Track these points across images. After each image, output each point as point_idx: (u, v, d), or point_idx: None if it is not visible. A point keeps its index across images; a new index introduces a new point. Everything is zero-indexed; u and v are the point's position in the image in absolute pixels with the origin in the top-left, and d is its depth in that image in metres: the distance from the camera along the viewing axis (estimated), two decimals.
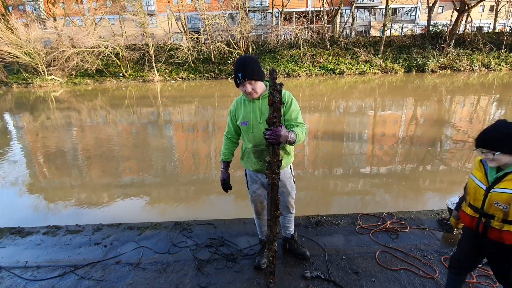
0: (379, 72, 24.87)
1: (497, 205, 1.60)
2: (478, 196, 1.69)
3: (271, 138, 1.73)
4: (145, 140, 8.99)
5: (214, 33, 27.42)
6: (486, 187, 1.66)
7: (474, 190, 1.73)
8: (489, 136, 1.58)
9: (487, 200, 1.64)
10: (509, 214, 1.58)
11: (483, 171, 1.71)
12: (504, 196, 1.57)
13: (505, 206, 1.57)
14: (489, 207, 1.64)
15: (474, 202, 1.73)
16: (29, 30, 24.29)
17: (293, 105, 2.04)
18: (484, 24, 34.46)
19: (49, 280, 2.42)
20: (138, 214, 4.49)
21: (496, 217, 1.62)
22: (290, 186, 2.36)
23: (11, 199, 5.31)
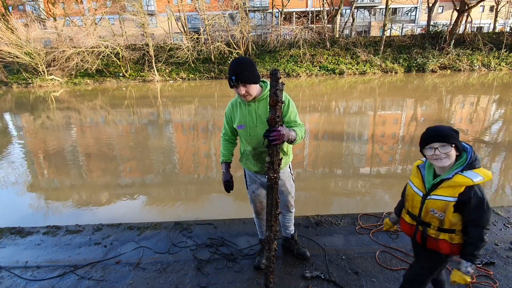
0: (379, 72, 24.87)
1: (433, 213, 1.55)
2: (415, 203, 1.65)
3: (276, 138, 1.70)
4: (145, 140, 8.99)
5: (214, 33, 27.42)
6: (423, 194, 1.60)
7: (411, 197, 1.68)
8: (443, 129, 1.50)
9: (423, 207, 1.59)
10: (444, 222, 1.53)
11: (420, 177, 1.66)
12: (439, 204, 1.51)
13: (440, 214, 1.52)
14: (426, 214, 1.59)
15: (412, 209, 1.69)
16: (29, 30, 24.30)
17: (291, 106, 2.02)
18: (484, 24, 34.46)
19: (49, 280, 2.42)
20: (138, 214, 4.49)
21: (432, 225, 1.58)
22: (290, 185, 2.36)
23: (11, 199, 5.31)
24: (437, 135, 1.48)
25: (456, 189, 1.45)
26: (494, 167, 6.10)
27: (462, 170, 1.47)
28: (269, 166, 1.82)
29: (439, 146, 1.46)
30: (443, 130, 1.48)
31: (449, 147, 1.45)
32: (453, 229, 1.53)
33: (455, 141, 1.46)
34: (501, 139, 7.87)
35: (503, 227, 2.96)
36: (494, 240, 2.76)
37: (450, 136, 1.46)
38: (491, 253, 2.57)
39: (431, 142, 1.48)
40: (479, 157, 1.53)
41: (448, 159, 1.47)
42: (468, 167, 1.47)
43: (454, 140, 1.46)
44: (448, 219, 1.51)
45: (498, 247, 2.65)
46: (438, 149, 1.46)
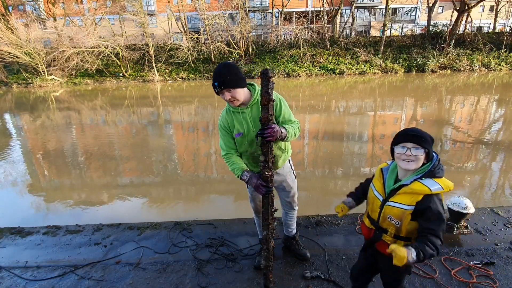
0: (379, 72, 24.87)
1: (390, 220, 1.49)
2: (375, 207, 1.58)
3: (270, 135, 1.71)
4: (145, 140, 8.99)
5: (214, 33, 27.43)
6: (383, 198, 1.54)
7: (372, 201, 1.62)
8: (421, 132, 1.43)
9: (382, 213, 1.53)
10: (401, 230, 1.47)
11: (382, 180, 1.59)
12: (396, 211, 1.45)
13: (397, 222, 1.46)
14: (383, 220, 1.53)
15: (371, 213, 1.63)
16: (29, 30, 24.30)
17: (284, 106, 2.01)
18: (484, 24, 34.46)
19: (49, 280, 2.42)
20: (138, 214, 4.49)
21: (389, 231, 1.52)
22: (291, 180, 2.33)
23: (11, 199, 5.31)
24: (413, 135, 1.42)
25: (413, 197, 1.40)
26: (494, 167, 6.10)
27: (422, 177, 1.41)
28: (264, 165, 1.82)
29: (412, 147, 1.40)
30: (420, 132, 1.43)
31: (421, 151, 1.39)
32: (409, 237, 1.49)
33: (429, 147, 1.40)
34: (501, 139, 7.87)
35: (503, 227, 2.96)
36: (494, 240, 2.76)
37: (426, 140, 1.40)
38: (491, 253, 2.57)
39: (406, 141, 1.42)
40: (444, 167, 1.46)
41: (415, 163, 1.41)
42: (428, 175, 1.41)
43: (428, 145, 1.40)
44: (405, 227, 1.46)
45: (498, 247, 2.65)
46: (411, 150, 1.40)
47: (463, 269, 2.39)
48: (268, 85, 1.67)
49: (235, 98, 1.85)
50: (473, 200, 3.09)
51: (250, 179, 1.91)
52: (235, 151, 2.10)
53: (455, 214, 2.85)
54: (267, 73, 1.67)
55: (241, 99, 1.88)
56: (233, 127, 2.03)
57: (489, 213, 3.20)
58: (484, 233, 2.87)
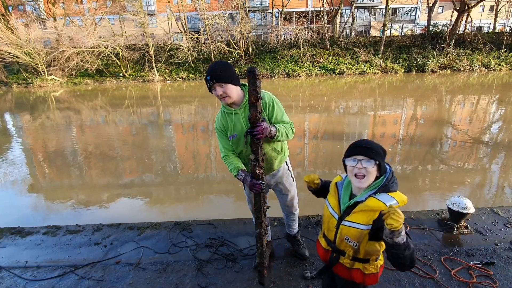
0: (379, 72, 24.87)
1: (347, 241, 1.37)
2: (331, 226, 1.45)
3: (259, 132, 1.70)
4: (145, 140, 8.99)
5: (214, 33, 27.43)
6: (338, 216, 1.41)
7: (328, 219, 1.48)
8: (372, 144, 1.34)
9: (338, 233, 1.40)
10: (359, 251, 1.36)
11: (337, 196, 1.47)
12: (353, 232, 1.33)
13: (355, 243, 1.35)
14: (341, 242, 1.40)
15: (327, 232, 1.49)
16: (29, 30, 24.30)
17: (276, 106, 1.97)
18: (484, 24, 34.46)
19: (49, 280, 2.42)
20: (138, 214, 4.49)
21: (346, 254, 1.41)
22: (289, 183, 2.28)
23: (11, 199, 5.31)
24: (364, 147, 1.33)
25: (370, 215, 1.29)
26: (494, 167, 6.10)
27: (376, 192, 1.32)
28: (254, 163, 1.82)
29: (363, 159, 1.30)
30: (372, 144, 1.34)
31: (372, 163, 1.29)
32: (367, 258, 1.39)
33: (380, 159, 1.31)
34: (501, 139, 7.87)
35: (503, 227, 2.96)
36: (494, 240, 2.76)
37: (377, 152, 1.31)
38: (491, 253, 2.57)
39: (357, 153, 1.33)
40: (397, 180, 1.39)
41: (367, 179, 1.31)
42: (383, 190, 1.32)
43: (380, 158, 1.31)
44: (363, 248, 1.35)
45: (498, 247, 2.65)
46: (361, 162, 1.30)
47: (463, 269, 2.39)
48: (255, 83, 1.66)
49: (227, 94, 1.83)
50: (473, 200, 3.09)
51: (245, 178, 1.92)
52: (232, 152, 2.10)
53: (455, 214, 2.85)
54: (254, 71, 1.64)
55: (233, 96, 1.86)
56: (228, 129, 2.02)
57: (489, 213, 3.20)
58: (484, 233, 2.87)
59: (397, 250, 1.17)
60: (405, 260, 1.19)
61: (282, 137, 1.87)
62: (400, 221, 1.13)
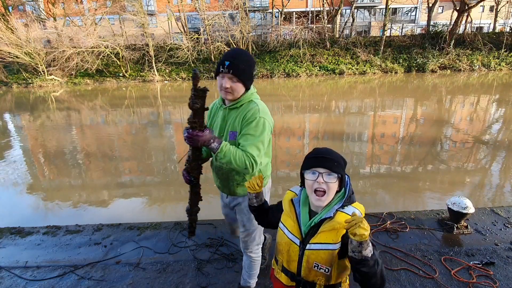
0: (379, 72, 24.87)
1: (317, 269, 1.15)
2: (292, 255, 1.20)
3: (188, 139, 1.51)
4: (145, 140, 8.99)
5: (214, 33, 27.41)
6: (300, 241, 1.18)
7: (287, 248, 1.22)
8: (333, 154, 1.18)
9: (304, 261, 1.17)
10: (331, 277, 1.15)
11: (295, 216, 1.22)
12: (323, 255, 1.13)
13: (326, 269, 1.14)
14: (309, 272, 1.17)
15: (289, 265, 1.23)
16: (29, 30, 24.27)
17: (252, 128, 1.58)
18: (484, 24, 34.45)
19: (49, 280, 2.42)
20: (138, 214, 4.49)
21: (317, 284, 1.18)
22: (246, 218, 1.86)
23: (11, 199, 5.31)
24: (326, 158, 1.15)
25: (339, 232, 1.12)
26: (494, 167, 6.10)
27: (342, 206, 1.16)
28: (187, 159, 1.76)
29: (325, 172, 1.13)
30: (333, 154, 1.17)
31: (334, 177, 1.14)
32: (339, 282, 1.20)
33: (342, 172, 1.16)
34: (501, 139, 7.87)
35: (503, 227, 2.96)
36: (494, 240, 2.76)
37: (339, 164, 1.16)
38: (491, 253, 2.57)
39: (317, 165, 1.15)
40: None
41: (327, 195, 1.14)
42: (348, 202, 1.17)
43: (342, 170, 1.16)
44: (335, 272, 1.15)
45: (498, 247, 2.65)
46: (323, 176, 1.13)
47: (463, 269, 2.39)
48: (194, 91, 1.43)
49: (233, 90, 1.59)
50: (473, 200, 3.09)
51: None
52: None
53: (455, 214, 2.86)
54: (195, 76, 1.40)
55: (236, 96, 1.63)
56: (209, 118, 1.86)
57: (489, 213, 3.20)
58: (484, 233, 2.87)
59: (366, 266, 1.02)
60: (376, 279, 1.04)
61: (224, 159, 1.53)
62: (368, 229, 0.99)
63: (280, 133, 9.29)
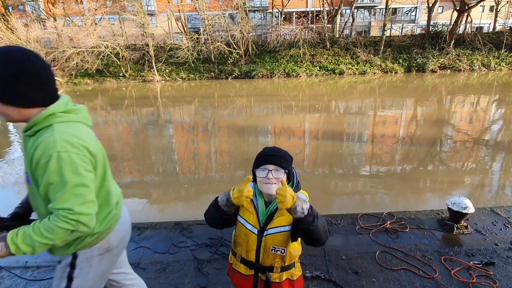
0: (379, 72, 24.87)
1: (274, 252, 1.30)
2: (251, 245, 1.33)
3: None
4: (145, 140, 8.99)
5: (214, 33, 27.40)
6: (258, 230, 1.31)
7: (246, 239, 1.34)
8: (280, 152, 1.32)
9: (261, 247, 1.31)
10: (286, 257, 1.31)
11: (253, 208, 1.34)
12: (280, 237, 1.28)
13: (282, 250, 1.30)
14: (267, 257, 1.31)
15: (247, 254, 1.35)
16: (29, 30, 24.28)
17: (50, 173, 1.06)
18: (484, 24, 34.45)
19: (49, 280, 2.42)
20: (138, 214, 4.49)
21: (275, 267, 1.33)
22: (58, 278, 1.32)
23: (11, 199, 5.31)
24: (273, 157, 1.29)
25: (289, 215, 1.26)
26: (494, 167, 6.10)
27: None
28: None
29: (273, 169, 1.28)
30: (280, 152, 1.32)
31: (282, 173, 1.28)
32: (292, 262, 1.35)
33: (289, 167, 1.32)
34: (501, 139, 7.87)
35: (503, 227, 2.96)
36: (494, 240, 2.76)
37: (286, 160, 1.31)
38: (491, 253, 2.57)
39: (266, 163, 1.29)
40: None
41: (277, 186, 1.27)
42: (296, 189, 1.34)
43: (289, 166, 1.32)
44: (289, 253, 1.32)
45: (498, 247, 2.65)
46: (272, 172, 1.27)
47: (463, 269, 2.39)
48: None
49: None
50: (473, 200, 3.09)
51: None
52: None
53: (455, 214, 2.86)
54: None
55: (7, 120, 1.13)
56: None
57: (489, 213, 3.21)
58: (484, 233, 2.87)
59: (304, 223, 1.18)
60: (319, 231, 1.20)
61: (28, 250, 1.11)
62: (284, 196, 1.15)
63: (280, 133, 9.29)
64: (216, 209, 1.35)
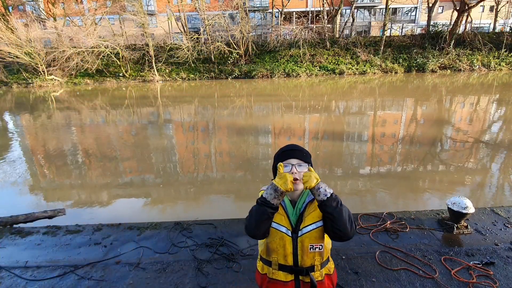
0: (379, 72, 24.87)
1: (313, 250, 1.26)
2: (288, 248, 1.27)
3: None
4: (145, 140, 8.99)
5: (214, 33, 27.40)
6: (291, 231, 1.27)
7: (281, 243, 1.28)
8: (301, 147, 1.33)
9: (298, 249, 1.26)
10: (324, 253, 1.29)
11: (282, 209, 1.29)
12: (316, 234, 1.25)
13: (320, 246, 1.27)
14: (306, 257, 1.27)
15: (285, 259, 1.29)
16: (29, 30, 24.27)
17: None
18: (484, 24, 34.44)
19: (49, 280, 2.42)
20: (138, 214, 4.49)
21: (315, 266, 1.29)
22: None
23: (11, 199, 5.31)
24: (295, 151, 1.29)
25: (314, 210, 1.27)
26: (494, 167, 6.10)
27: None
28: None
29: (297, 163, 1.27)
30: (301, 147, 1.33)
31: (306, 166, 1.27)
32: (328, 256, 1.33)
33: (310, 161, 1.32)
34: (501, 139, 7.87)
35: (503, 227, 2.96)
36: (494, 240, 2.76)
37: (308, 154, 1.32)
38: (491, 253, 2.57)
39: (290, 157, 1.28)
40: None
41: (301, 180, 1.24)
42: None
43: (310, 159, 1.32)
44: (326, 248, 1.30)
45: (498, 247, 2.65)
46: (295, 167, 1.26)
47: (463, 269, 2.39)
48: None
49: None
50: (473, 200, 3.09)
51: None
52: None
53: (455, 214, 2.86)
54: None
55: None
56: None
57: (489, 213, 3.20)
58: (484, 233, 2.87)
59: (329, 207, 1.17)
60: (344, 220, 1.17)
61: None
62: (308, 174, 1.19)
63: (280, 133, 9.29)
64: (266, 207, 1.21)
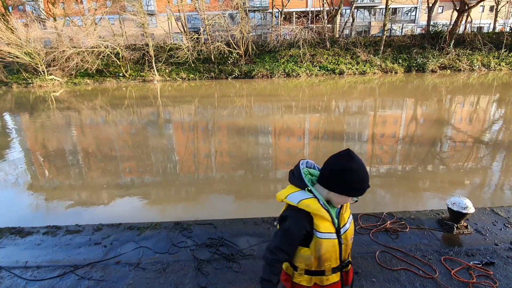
0: (379, 72, 24.87)
1: (352, 241, 1.39)
2: (337, 251, 1.32)
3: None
4: (145, 140, 8.99)
5: (214, 33, 27.41)
6: (335, 233, 1.30)
7: (332, 249, 1.30)
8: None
9: (343, 245, 1.33)
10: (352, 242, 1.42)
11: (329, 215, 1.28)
12: (352, 229, 1.38)
13: (353, 238, 1.41)
14: (346, 252, 1.37)
15: (336, 261, 1.33)
16: (29, 30, 24.27)
17: None
18: (484, 24, 34.43)
19: (49, 280, 2.42)
20: (138, 214, 4.49)
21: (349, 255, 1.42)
22: None
23: (11, 199, 5.31)
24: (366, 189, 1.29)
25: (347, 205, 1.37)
26: (494, 167, 6.10)
27: None
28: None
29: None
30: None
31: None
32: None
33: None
34: (501, 139, 7.87)
35: (503, 227, 2.96)
36: (494, 240, 2.76)
37: None
38: (491, 253, 2.57)
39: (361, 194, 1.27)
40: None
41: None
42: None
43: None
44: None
45: (498, 247, 2.65)
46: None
47: (463, 269, 2.39)
48: None
49: None
50: (473, 200, 3.09)
51: None
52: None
53: (455, 214, 2.86)
54: None
55: None
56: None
57: (489, 213, 3.20)
58: (484, 233, 2.87)
59: None
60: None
61: None
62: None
63: (280, 133, 9.29)
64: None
